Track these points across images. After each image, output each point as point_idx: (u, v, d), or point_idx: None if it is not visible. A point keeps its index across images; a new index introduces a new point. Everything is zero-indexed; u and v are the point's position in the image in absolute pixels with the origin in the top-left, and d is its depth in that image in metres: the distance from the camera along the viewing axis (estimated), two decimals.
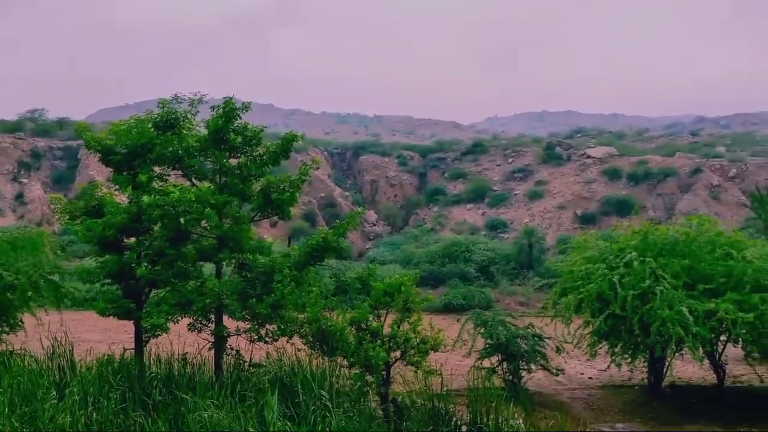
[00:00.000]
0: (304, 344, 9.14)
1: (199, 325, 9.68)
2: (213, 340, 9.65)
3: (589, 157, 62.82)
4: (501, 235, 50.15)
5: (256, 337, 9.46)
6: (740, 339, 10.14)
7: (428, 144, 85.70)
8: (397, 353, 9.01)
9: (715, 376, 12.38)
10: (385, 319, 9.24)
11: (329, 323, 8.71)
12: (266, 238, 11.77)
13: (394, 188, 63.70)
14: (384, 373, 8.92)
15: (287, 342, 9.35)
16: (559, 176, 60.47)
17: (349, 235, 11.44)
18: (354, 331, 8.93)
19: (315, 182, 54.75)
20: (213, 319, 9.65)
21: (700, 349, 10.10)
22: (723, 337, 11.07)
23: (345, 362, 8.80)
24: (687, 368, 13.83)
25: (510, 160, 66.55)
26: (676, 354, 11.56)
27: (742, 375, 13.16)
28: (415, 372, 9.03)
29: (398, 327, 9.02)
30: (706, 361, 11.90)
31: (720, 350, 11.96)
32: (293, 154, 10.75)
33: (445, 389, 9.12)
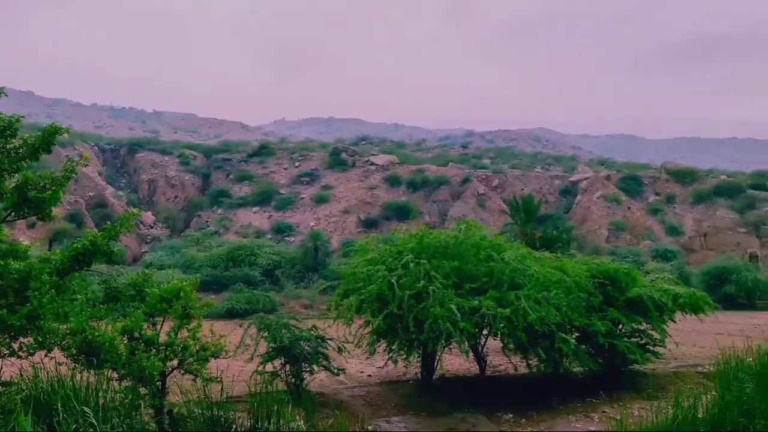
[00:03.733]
0: (67, 357, 8.21)
1: None
2: None
3: (372, 164, 65.70)
4: (287, 238, 50.24)
5: (7, 351, 8.28)
6: (499, 332, 11.19)
7: (213, 144, 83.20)
8: (175, 362, 8.51)
9: (477, 367, 13.59)
10: (161, 327, 8.68)
11: (97, 333, 7.93)
12: (22, 240, 10.40)
13: (175, 189, 60.62)
14: (159, 383, 8.36)
15: (46, 356, 8.33)
16: (345, 181, 62.37)
17: (123, 238, 10.58)
18: (126, 341, 8.24)
19: (83, 180, 50.08)
20: None
21: (466, 342, 10.97)
22: (485, 331, 12.12)
23: (115, 375, 8.08)
24: (454, 361, 15.02)
25: (297, 163, 67.10)
26: (446, 348, 12.48)
27: (500, 365, 14.59)
28: (194, 380, 8.62)
29: (176, 335, 8.53)
30: (471, 354, 13.06)
31: (482, 343, 13.15)
32: (58, 149, 9.68)
33: (225, 396, 8.81)
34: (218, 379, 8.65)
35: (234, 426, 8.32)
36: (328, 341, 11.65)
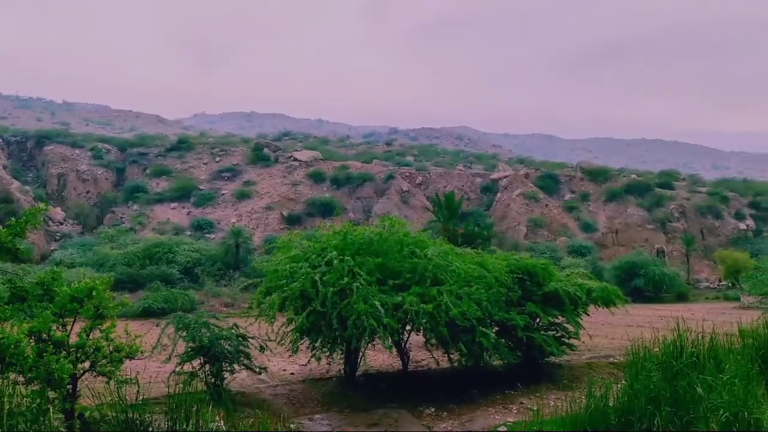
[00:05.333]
0: None
1: None
2: None
3: (296, 159, 65.11)
4: (207, 235, 49.08)
5: None
6: (421, 327, 11.31)
7: (128, 137, 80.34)
8: (86, 364, 8.12)
9: (401, 362, 13.71)
10: (72, 328, 8.26)
11: (1, 336, 7.45)
12: None
13: (87, 184, 58.02)
14: (70, 387, 7.95)
15: None
16: (267, 177, 61.49)
17: (30, 235, 10.00)
18: (33, 343, 7.79)
19: None
20: None
21: (390, 338, 11.03)
22: (408, 327, 12.24)
23: (22, 378, 7.63)
24: (378, 357, 15.08)
25: (218, 158, 65.63)
26: (369, 344, 12.51)
27: (423, 360, 14.78)
28: (107, 383, 8.25)
29: (87, 336, 8.13)
30: (394, 350, 13.15)
31: (405, 339, 13.27)
32: None
33: (141, 398, 8.49)
34: (133, 381, 8.33)
35: (150, 428, 8.02)
36: (249, 340, 11.43)
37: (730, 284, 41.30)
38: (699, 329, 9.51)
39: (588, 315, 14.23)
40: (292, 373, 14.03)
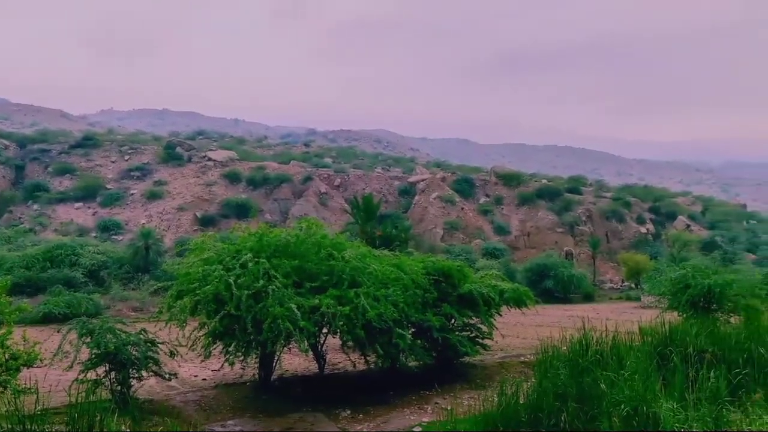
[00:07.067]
0: None
1: None
2: None
3: (210, 159, 63.55)
4: (114, 236, 47.12)
5: None
6: (338, 330, 11.27)
7: (28, 133, 76.14)
8: None
9: (317, 365, 13.60)
10: None
11: None
12: None
13: None
14: None
15: None
16: (180, 177, 59.70)
17: None
18: None
19: None
20: None
21: (306, 341, 10.92)
22: (324, 330, 12.17)
23: None
24: (294, 360, 14.91)
25: (127, 157, 63.15)
26: (285, 348, 12.33)
27: (339, 362, 14.72)
28: (2, 393, 7.73)
29: None
30: (311, 353, 13.03)
31: (322, 341, 13.18)
32: None
33: (39, 409, 8.00)
34: (32, 390, 7.86)
35: None
36: (159, 345, 11.00)
37: (632, 285, 43.66)
38: (603, 328, 9.97)
39: (501, 315, 14.63)
40: (204, 379, 13.63)
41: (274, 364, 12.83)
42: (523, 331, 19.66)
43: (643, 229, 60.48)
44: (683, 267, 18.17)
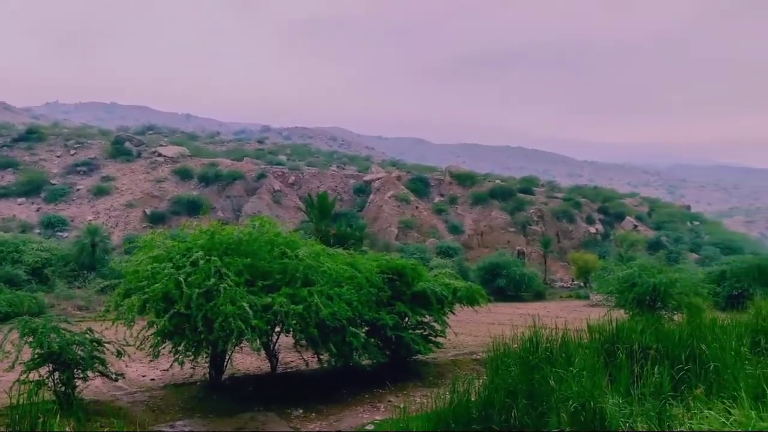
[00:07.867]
0: None
1: None
2: None
3: (160, 155, 62.24)
4: (59, 233, 45.68)
5: None
6: (291, 329, 11.16)
7: None
8: None
9: (269, 364, 13.45)
10: None
11: None
12: None
13: None
14: None
15: None
16: (129, 173, 58.30)
17: None
18: None
19: None
20: None
21: (258, 340, 10.78)
22: (277, 328, 12.06)
23: None
24: (245, 360, 14.71)
25: (73, 151, 61.33)
26: (237, 347, 12.15)
27: (292, 361, 14.60)
28: None
29: None
30: (263, 352, 12.88)
31: (274, 340, 13.05)
32: None
33: None
34: None
35: None
36: (105, 345, 10.70)
37: (581, 284, 44.67)
38: (553, 326, 10.16)
39: (454, 314, 14.75)
40: (153, 379, 13.33)
41: (225, 363, 12.64)
42: (476, 329, 19.87)
43: (592, 229, 61.97)
44: (630, 266, 18.68)
